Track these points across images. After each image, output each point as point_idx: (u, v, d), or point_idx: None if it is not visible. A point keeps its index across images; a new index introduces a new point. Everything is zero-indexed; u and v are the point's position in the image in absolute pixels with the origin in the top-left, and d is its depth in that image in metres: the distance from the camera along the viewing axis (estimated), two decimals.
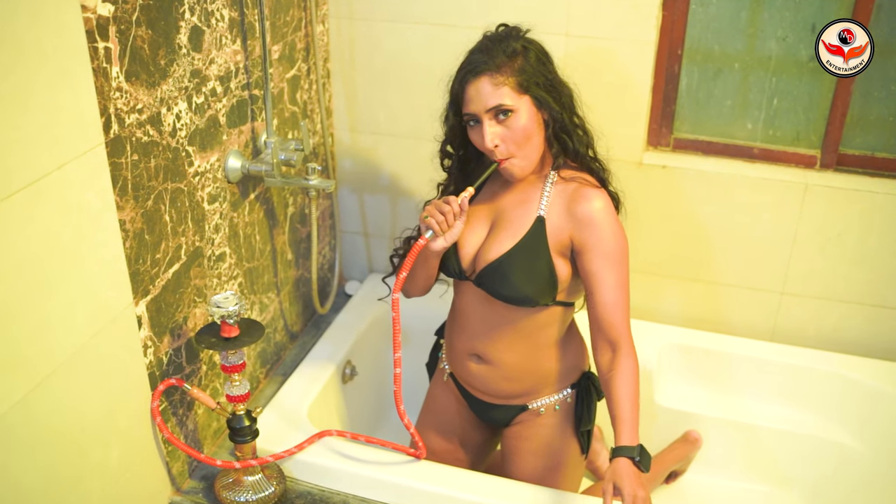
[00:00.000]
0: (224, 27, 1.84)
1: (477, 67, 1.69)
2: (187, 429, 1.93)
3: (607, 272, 1.72)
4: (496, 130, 1.69)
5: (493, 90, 1.67)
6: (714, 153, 2.32)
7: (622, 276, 1.73)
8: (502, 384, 1.89)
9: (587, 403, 1.90)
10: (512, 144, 1.70)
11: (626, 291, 1.74)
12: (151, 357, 1.75)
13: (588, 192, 1.74)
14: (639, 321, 2.43)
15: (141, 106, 1.60)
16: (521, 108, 1.69)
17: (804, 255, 2.28)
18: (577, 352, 1.91)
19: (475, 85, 1.68)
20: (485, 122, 1.69)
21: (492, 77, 1.67)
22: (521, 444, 1.94)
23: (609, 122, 2.23)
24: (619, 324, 1.73)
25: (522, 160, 1.73)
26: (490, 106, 1.67)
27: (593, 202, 1.72)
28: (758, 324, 2.39)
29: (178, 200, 1.77)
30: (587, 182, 1.77)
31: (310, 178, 2.01)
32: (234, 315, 1.73)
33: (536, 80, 1.71)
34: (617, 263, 1.72)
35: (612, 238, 1.72)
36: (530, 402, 1.91)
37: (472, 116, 1.71)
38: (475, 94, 1.69)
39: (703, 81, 2.27)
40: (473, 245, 1.82)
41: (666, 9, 2.17)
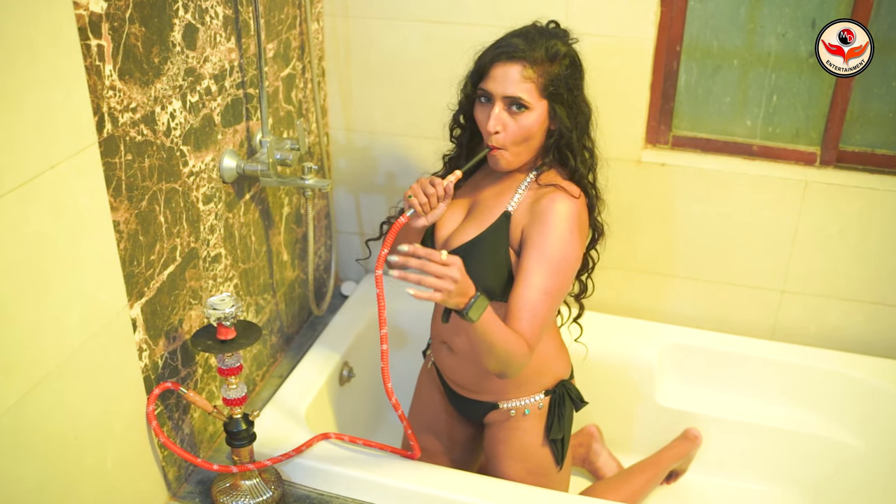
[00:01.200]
0: (218, 25, 1.81)
1: (514, 52, 1.66)
2: (183, 433, 1.90)
3: (536, 272, 1.65)
4: (503, 118, 1.68)
5: (518, 81, 1.66)
6: (713, 151, 2.30)
7: (548, 285, 1.66)
8: (469, 377, 1.88)
9: (559, 412, 1.87)
10: (510, 137, 1.68)
11: (548, 301, 1.66)
12: (147, 360, 1.72)
13: (558, 195, 1.69)
14: (639, 321, 2.42)
15: (135, 105, 1.57)
16: (536, 110, 1.68)
17: (804, 253, 2.26)
18: (551, 357, 1.88)
19: (504, 68, 1.67)
20: (496, 106, 1.67)
21: (524, 68, 1.66)
22: (497, 447, 1.93)
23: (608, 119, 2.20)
24: (523, 321, 1.64)
25: (513, 156, 1.71)
26: (509, 94, 1.66)
27: (557, 204, 1.68)
28: (758, 322, 2.37)
29: (173, 201, 1.74)
30: (564, 189, 1.71)
31: (306, 177, 1.98)
32: (230, 317, 1.70)
33: (562, 91, 1.70)
34: (549, 270, 1.66)
35: (558, 244, 1.66)
36: (500, 401, 1.89)
37: (486, 94, 1.70)
38: (500, 76, 1.67)
39: (701, 78, 2.25)
40: (448, 229, 1.82)
41: (664, 5, 2.15)
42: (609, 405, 2.37)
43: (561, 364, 1.90)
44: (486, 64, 1.69)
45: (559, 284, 1.67)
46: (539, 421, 1.88)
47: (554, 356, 1.87)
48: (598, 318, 2.43)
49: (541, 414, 1.88)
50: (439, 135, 1.96)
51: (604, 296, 2.45)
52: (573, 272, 1.72)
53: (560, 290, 1.69)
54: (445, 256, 1.47)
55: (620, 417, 2.38)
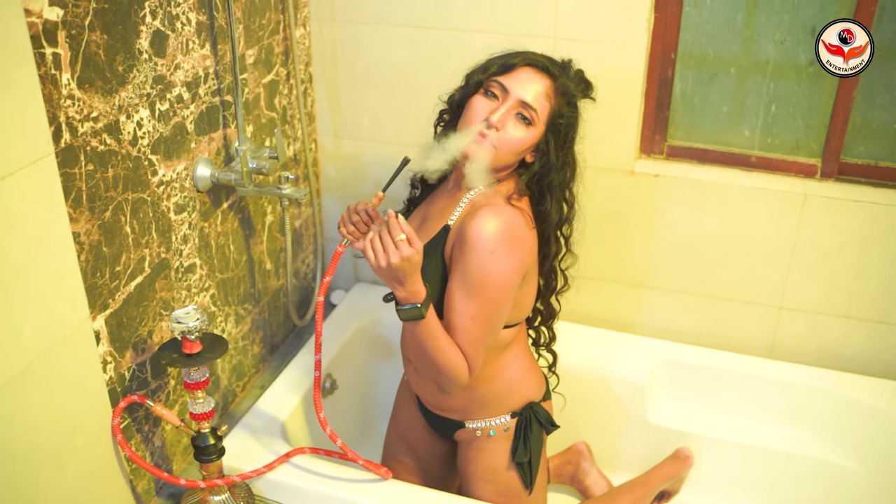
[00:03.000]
0: (191, 31, 1.78)
1: (548, 68, 1.63)
2: (154, 445, 1.87)
3: (458, 295, 1.60)
4: (507, 119, 1.60)
5: (540, 94, 1.61)
6: (709, 161, 2.23)
7: (475, 310, 1.60)
8: (432, 395, 1.84)
9: (525, 435, 1.81)
10: (499, 141, 1.60)
11: (479, 325, 1.61)
12: (112, 373, 1.69)
13: (484, 212, 1.58)
14: (630, 335, 2.36)
15: (96, 114, 1.54)
16: (535, 130, 1.63)
17: (803, 269, 2.18)
18: (518, 379, 1.81)
19: (533, 74, 1.62)
20: (507, 104, 1.60)
21: (549, 87, 1.62)
22: (466, 466, 1.88)
23: (599, 128, 2.16)
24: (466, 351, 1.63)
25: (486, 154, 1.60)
26: (527, 99, 1.60)
27: (480, 222, 1.57)
28: (755, 339, 2.29)
29: (141, 211, 1.71)
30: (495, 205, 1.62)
31: (283, 187, 1.94)
32: (194, 331, 1.66)
33: (563, 130, 1.65)
34: (473, 294, 1.59)
35: (479, 266, 1.57)
36: (466, 420, 1.84)
37: (502, 89, 1.61)
38: (527, 80, 1.61)
39: (697, 86, 2.18)
40: None
41: (658, 11, 2.08)
42: (598, 422, 2.31)
43: (530, 386, 1.84)
44: (516, 62, 1.63)
45: (486, 307, 1.60)
46: (505, 443, 1.83)
47: (521, 378, 1.81)
48: (588, 331, 2.37)
49: (507, 436, 1.82)
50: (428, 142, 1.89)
51: (595, 309, 2.39)
52: (504, 292, 1.61)
53: (489, 312, 1.61)
54: (402, 238, 1.48)
55: (610, 435, 2.31)
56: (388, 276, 1.52)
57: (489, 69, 1.64)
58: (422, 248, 1.52)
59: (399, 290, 1.54)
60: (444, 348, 1.61)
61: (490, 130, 1.59)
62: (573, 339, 2.33)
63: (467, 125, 1.62)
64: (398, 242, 1.48)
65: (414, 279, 1.53)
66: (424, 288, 1.56)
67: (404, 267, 1.50)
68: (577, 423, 2.31)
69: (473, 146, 1.60)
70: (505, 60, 1.64)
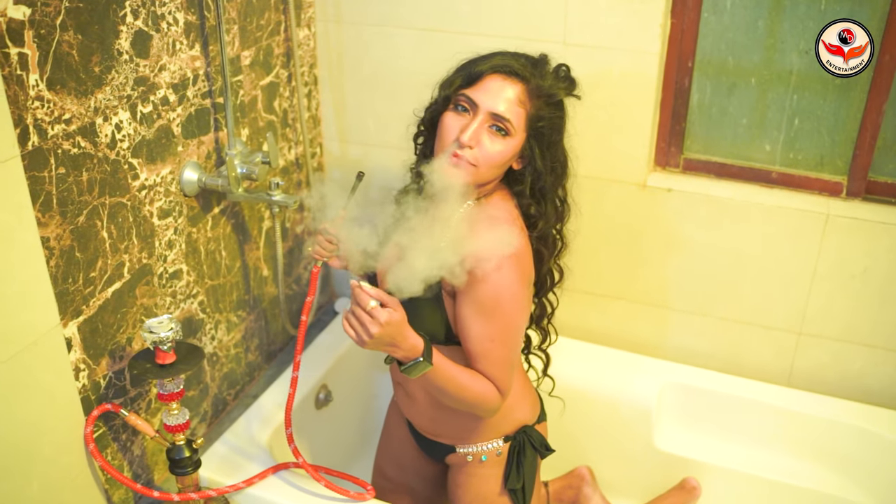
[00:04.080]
0: (178, 31, 1.73)
1: (519, 70, 1.50)
2: (132, 454, 1.82)
3: (473, 323, 1.53)
4: (480, 135, 1.49)
5: (513, 102, 1.49)
6: (728, 176, 2.11)
7: (494, 331, 1.53)
8: (423, 420, 1.75)
9: (518, 460, 1.72)
10: (483, 160, 1.50)
11: (500, 347, 1.54)
12: (85, 381, 1.65)
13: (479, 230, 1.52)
14: (639, 356, 2.25)
15: (69, 116, 1.49)
16: (514, 140, 1.52)
17: (825, 293, 2.05)
18: (510, 401, 1.70)
19: (502, 82, 1.49)
20: (477, 119, 1.49)
21: (522, 92, 1.50)
22: (456, 492, 1.79)
23: (609, 138, 2.06)
24: (487, 371, 1.56)
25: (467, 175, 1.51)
26: (498, 111, 1.48)
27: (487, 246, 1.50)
28: (772, 366, 2.17)
29: (119, 215, 1.66)
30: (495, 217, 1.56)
31: (272, 193, 1.88)
32: (166, 341, 1.61)
33: (545, 132, 1.55)
34: (488, 317, 1.51)
35: (485, 286, 1.49)
36: (458, 445, 1.75)
37: (470, 103, 1.50)
38: (495, 89, 1.49)
39: (716, 97, 2.06)
40: (389, 261, 1.67)
41: (674, 16, 1.97)
42: (603, 445, 2.20)
43: (524, 409, 1.74)
44: (483, 71, 1.50)
45: (504, 325, 1.53)
46: (497, 468, 1.74)
47: (515, 401, 1.72)
48: (595, 350, 2.27)
49: (499, 461, 1.73)
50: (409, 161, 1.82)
51: (603, 327, 2.29)
52: (518, 305, 1.55)
53: (508, 330, 1.54)
54: (373, 305, 1.38)
55: (615, 459, 2.20)
56: (379, 346, 1.44)
57: (454, 82, 1.54)
58: (398, 303, 1.44)
59: (397, 352, 1.46)
60: (466, 385, 1.54)
61: (464, 150, 1.50)
62: (580, 357, 2.23)
63: (442, 146, 1.54)
64: (371, 311, 1.40)
65: (405, 336, 1.45)
66: (420, 338, 1.48)
67: (388, 332, 1.41)
68: (581, 445, 2.21)
69: (450, 169, 1.51)
70: (470, 70, 1.53)
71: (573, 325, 2.28)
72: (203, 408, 2.04)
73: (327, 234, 1.65)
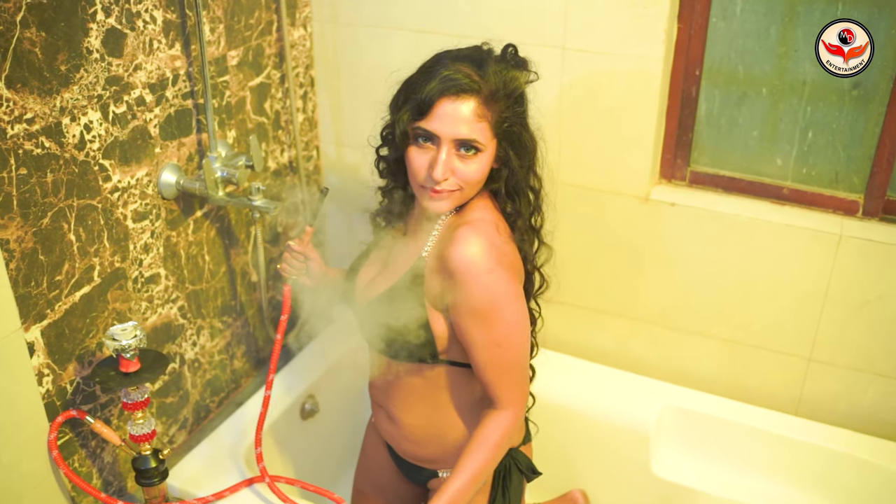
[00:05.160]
0: (155, 30, 1.68)
1: (466, 85, 1.39)
2: (102, 461, 1.78)
3: (476, 331, 1.45)
4: (453, 163, 1.42)
5: (473, 120, 1.39)
6: (737, 191, 2.00)
7: (498, 335, 1.44)
8: (405, 444, 1.67)
9: (503, 485, 1.63)
10: (461, 184, 1.44)
11: (508, 351, 1.46)
12: (49, 386, 1.61)
13: (462, 235, 1.42)
14: (639, 376, 2.15)
15: (31, 115, 1.45)
16: (487, 151, 1.44)
17: (837, 318, 1.92)
18: None
19: (454, 104, 1.38)
20: (443, 150, 1.40)
21: (477, 105, 1.40)
22: None
23: (611, 148, 1.98)
24: (494, 386, 1.49)
25: (453, 201, 1.46)
26: (461, 136, 1.39)
27: (463, 248, 1.41)
28: (779, 393, 2.05)
29: (89, 218, 1.62)
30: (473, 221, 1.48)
31: (253, 198, 1.82)
32: (129, 349, 1.56)
33: (515, 129, 1.46)
34: (489, 321, 1.43)
35: (481, 291, 1.42)
36: (440, 469, 1.67)
37: (429, 135, 1.42)
38: (450, 115, 1.39)
39: (725, 107, 1.95)
40: (365, 278, 1.62)
41: (682, 21, 1.87)
42: (598, 468, 2.11)
43: None
44: (432, 97, 1.39)
45: (508, 327, 1.45)
46: (482, 494, 1.65)
47: None
48: (593, 368, 2.17)
49: (484, 486, 1.64)
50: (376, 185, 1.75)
51: (601, 344, 2.19)
52: (518, 304, 1.47)
53: (513, 331, 1.46)
54: None
55: (609, 483, 2.11)
56: None
57: (403, 116, 1.43)
58: None
59: None
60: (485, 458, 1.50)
61: (438, 186, 1.43)
62: (576, 374, 2.14)
63: (416, 181, 1.47)
64: None
65: None
66: None
67: None
68: (575, 467, 2.12)
69: (434, 204, 1.45)
70: (417, 98, 1.41)
71: (570, 341, 2.19)
72: (183, 415, 1.99)
73: (293, 252, 1.61)
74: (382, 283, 1.55)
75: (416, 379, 1.57)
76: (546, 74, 1.96)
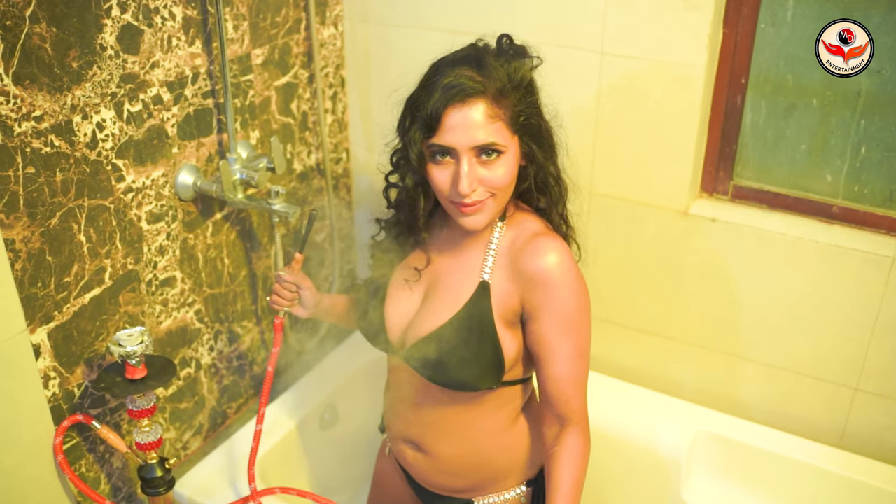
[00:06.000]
0: (174, 27, 1.63)
1: (471, 89, 1.31)
2: (111, 466, 1.75)
3: (563, 341, 1.38)
4: (477, 173, 1.34)
5: (486, 123, 1.31)
6: (782, 208, 1.88)
7: (580, 345, 1.39)
8: (440, 477, 1.57)
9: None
10: (487, 192, 1.36)
11: (585, 362, 1.41)
12: (56, 389, 1.57)
13: (540, 245, 1.39)
14: (673, 399, 2.04)
15: (40, 113, 1.41)
16: (510, 151, 1.36)
17: (887, 346, 1.79)
18: (534, 442, 1.55)
19: (462, 111, 1.31)
20: (464, 161, 1.32)
21: (487, 105, 1.32)
22: None
23: (648, 159, 1.88)
24: (573, 399, 1.41)
25: (489, 212, 1.39)
26: (479, 143, 1.32)
27: (547, 256, 1.37)
28: (822, 423, 1.92)
29: (100, 219, 1.58)
30: (539, 230, 1.42)
31: (273, 202, 1.77)
32: (134, 356, 1.52)
33: (533, 121, 1.38)
34: (575, 330, 1.38)
35: (572, 299, 1.37)
36: (476, 497, 1.58)
37: (445, 150, 1.34)
38: (461, 124, 1.31)
39: (772, 118, 1.83)
40: (403, 314, 1.51)
41: (727, 27, 1.76)
42: (627, 494, 2.01)
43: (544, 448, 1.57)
44: (438, 110, 1.31)
45: (586, 337, 1.41)
46: None
47: (537, 440, 1.55)
48: (624, 388, 2.07)
49: None
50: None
51: (635, 364, 2.09)
52: (590, 320, 1.42)
53: (588, 342, 1.42)
54: None
55: None
56: None
57: (414, 136, 1.36)
58: None
59: None
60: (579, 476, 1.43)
61: (470, 197, 1.35)
62: (606, 394, 2.04)
63: (443, 199, 1.40)
64: None
65: None
66: None
67: None
68: (602, 491, 2.02)
69: (468, 220, 1.38)
70: (423, 114, 1.34)
71: (602, 359, 2.10)
72: (198, 420, 1.95)
73: (284, 283, 1.55)
74: (438, 315, 1.44)
75: (464, 407, 1.48)
76: (582, 80, 1.87)
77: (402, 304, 1.51)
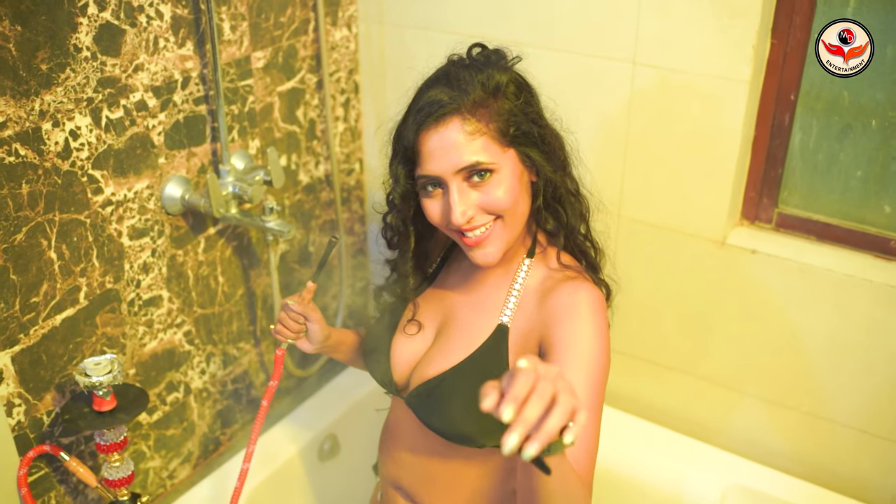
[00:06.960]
0: (161, 27, 1.50)
1: (442, 107, 1.17)
2: (86, 498, 1.62)
3: (575, 382, 1.16)
4: (468, 197, 1.19)
5: (465, 141, 1.17)
6: (832, 240, 1.68)
7: (593, 397, 1.17)
8: None
9: None
10: (487, 217, 1.21)
11: (597, 420, 1.20)
12: (21, 416, 1.45)
13: (576, 285, 1.23)
14: (703, 444, 1.86)
15: (3, 119, 1.29)
16: (505, 167, 1.20)
17: None
18: None
19: (438, 133, 1.18)
20: (452, 188, 1.18)
21: (464, 121, 1.17)
22: None
23: (683, 181, 1.71)
24: (581, 455, 1.16)
25: (500, 241, 1.23)
26: (462, 165, 1.17)
27: (579, 293, 1.22)
28: (871, 481, 1.72)
29: (74, 234, 1.45)
30: (575, 276, 1.26)
31: (266, 219, 1.63)
32: (101, 387, 1.39)
33: (527, 128, 1.22)
34: (591, 376, 1.17)
35: (593, 341, 1.18)
36: None
37: (430, 180, 1.21)
38: (438, 148, 1.18)
39: (824, 140, 1.64)
40: (411, 353, 1.36)
41: (776, 37, 1.58)
42: None
43: None
44: (411, 140, 1.20)
45: (600, 392, 1.19)
46: None
47: None
48: (651, 430, 1.90)
49: None
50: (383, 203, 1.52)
51: (663, 403, 1.91)
52: (607, 371, 1.22)
53: (602, 402, 1.21)
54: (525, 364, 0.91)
55: None
56: None
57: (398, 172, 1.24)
58: None
59: None
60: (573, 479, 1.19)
61: (467, 227, 1.21)
62: (632, 435, 1.88)
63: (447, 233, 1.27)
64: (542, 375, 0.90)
65: None
66: None
67: None
68: None
69: (478, 255, 1.24)
70: (402, 146, 1.22)
71: (626, 396, 1.92)
72: (187, 448, 1.82)
73: (291, 313, 1.40)
74: (451, 355, 1.29)
75: (461, 462, 1.32)
76: (612, 91, 1.70)
77: (411, 341, 1.36)
